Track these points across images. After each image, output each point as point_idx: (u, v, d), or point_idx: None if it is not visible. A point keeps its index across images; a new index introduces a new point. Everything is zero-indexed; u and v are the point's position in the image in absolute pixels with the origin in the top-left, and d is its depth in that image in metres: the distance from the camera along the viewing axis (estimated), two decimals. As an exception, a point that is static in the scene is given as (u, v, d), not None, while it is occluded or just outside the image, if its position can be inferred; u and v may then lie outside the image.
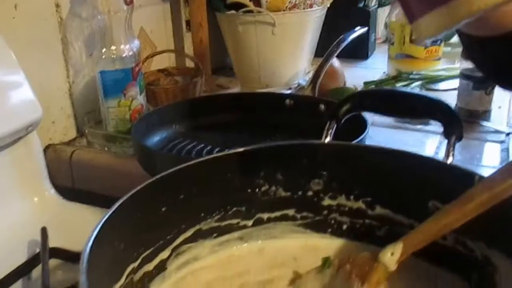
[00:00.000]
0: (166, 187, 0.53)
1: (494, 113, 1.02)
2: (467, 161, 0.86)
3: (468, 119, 0.99)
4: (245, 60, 1.22)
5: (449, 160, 0.53)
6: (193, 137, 0.91)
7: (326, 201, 0.59)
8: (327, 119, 0.60)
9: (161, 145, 0.90)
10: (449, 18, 0.32)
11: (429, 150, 0.92)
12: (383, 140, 0.93)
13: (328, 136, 0.60)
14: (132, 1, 0.92)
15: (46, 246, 0.69)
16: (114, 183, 0.85)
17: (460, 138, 0.54)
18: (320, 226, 0.60)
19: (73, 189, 0.96)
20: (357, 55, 1.41)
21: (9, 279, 0.66)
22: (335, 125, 0.61)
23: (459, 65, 1.05)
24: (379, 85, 1.21)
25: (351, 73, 1.23)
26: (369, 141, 0.77)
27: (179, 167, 0.54)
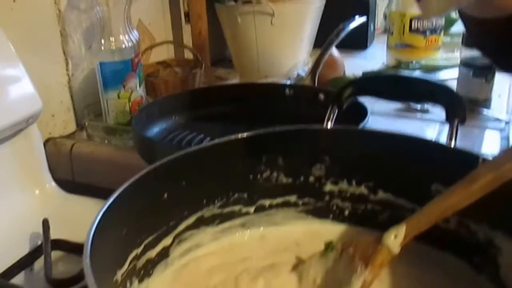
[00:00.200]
0: (168, 174, 0.53)
1: (494, 101, 1.02)
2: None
3: (468, 107, 0.98)
4: (244, 51, 1.21)
5: (452, 143, 0.53)
6: (193, 128, 0.91)
7: (327, 187, 0.59)
8: (329, 104, 0.60)
9: (161, 136, 0.90)
10: None
11: (429, 138, 0.92)
12: (382, 128, 0.93)
13: (330, 121, 0.60)
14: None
15: (48, 237, 0.69)
16: (114, 175, 0.85)
17: (463, 121, 0.54)
18: (322, 211, 0.60)
19: (73, 182, 0.96)
20: (356, 45, 1.40)
21: (12, 271, 0.66)
22: (337, 110, 0.60)
23: (459, 54, 1.05)
24: (379, 74, 1.21)
25: (350, 64, 1.22)
26: (369, 130, 0.76)
27: (181, 153, 0.53)
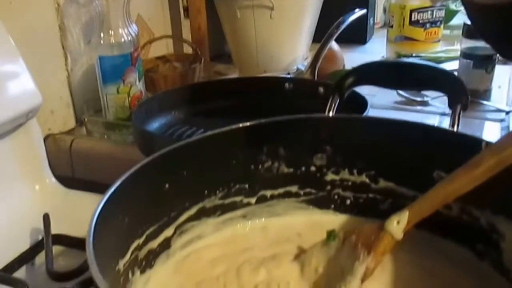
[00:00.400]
0: (168, 164, 0.52)
1: (494, 92, 1.02)
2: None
3: (472, 100, 0.98)
4: (243, 45, 1.21)
5: (454, 129, 0.52)
6: (192, 122, 0.91)
7: (329, 176, 0.59)
8: (331, 93, 0.60)
9: (161, 131, 0.89)
10: None
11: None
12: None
13: (331, 110, 0.60)
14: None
15: (49, 231, 0.68)
16: (114, 171, 0.85)
17: (465, 107, 0.54)
18: (323, 202, 0.60)
19: (73, 178, 0.96)
20: (355, 39, 1.40)
21: (13, 265, 0.66)
22: (338, 99, 0.60)
23: (459, 47, 1.04)
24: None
25: (350, 58, 1.22)
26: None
27: (181, 143, 0.53)
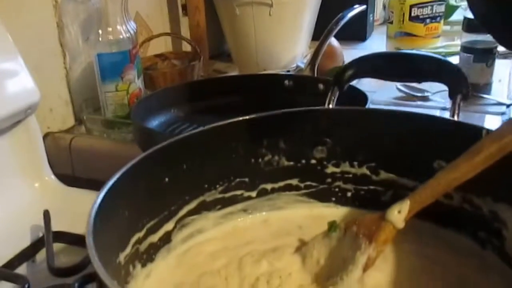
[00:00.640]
0: (168, 157, 0.52)
1: (494, 86, 1.02)
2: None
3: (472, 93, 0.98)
4: (242, 43, 1.21)
5: (455, 119, 0.52)
6: (192, 120, 0.91)
7: (329, 169, 0.59)
8: (330, 86, 0.59)
9: (160, 129, 0.89)
10: None
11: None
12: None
13: (331, 102, 0.59)
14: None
15: (49, 227, 0.68)
16: (114, 169, 0.84)
17: (466, 96, 0.53)
18: (324, 194, 0.60)
19: (73, 177, 0.95)
20: (355, 36, 1.40)
21: (14, 262, 0.66)
22: (337, 93, 0.60)
23: (459, 42, 1.04)
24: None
25: (349, 55, 1.21)
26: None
27: (181, 136, 0.53)
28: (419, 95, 1.02)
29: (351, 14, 1.04)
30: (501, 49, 1.10)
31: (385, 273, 0.48)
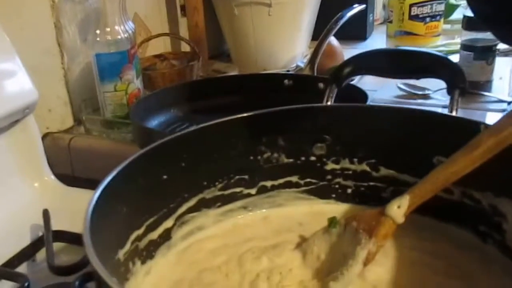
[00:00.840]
0: (166, 154, 0.52)
1: (495, 83, 1.02)
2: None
3: (470, 91, 0.98)
4: (241, 43, 1.21)
5: (453, 114, 0.52)
6: (191, 120, 0.90)
7: (329, 166, 0.59)
8: (328, 83, 0.59)
9: (160, 128, 0.89)
10: None
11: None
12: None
13: (329, 100, 0.59)
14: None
15: (49, 226, 0.68)
16: (114, 169, 0.84)
17: (464, 92, 0.53)
18: (324, 191, 0.60)
19: (73, 177, 0.95)
20: (355, 36, 1.39)
21: (14, 261, 0.66)
22: (336, 90, 0.60)
23: (459, 40, 1.04)
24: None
25: (350, 54, 1.18)
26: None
27: (178, 134, 0.53)
28: (420, 93, 1.01)
29: (351, 13, 1.04)
30: (501, 46, 1.10)
31: (386, 268, 0.48)
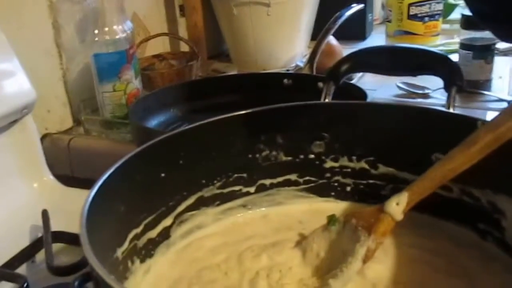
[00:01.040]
0: (163, 152, 0.52)
1: (495, 83, 1.02)
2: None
3: (469, 90, 0.98)
4: (241, 43, 1.21)
5: (450, 111, 0.52)
6: (191, 120, 0.89)
7: (328, 164, 0.59)
8: (326, 80, 0.59)
9: (159, 128, 0.89)
10: None
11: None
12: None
13: (327, 97, 0.59)
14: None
15: (48, 227, 0.68)
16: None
17: (461, 89, 0.53)
18: (323, 189, 0.60)
19: (73, 178, 0.95)
20: (355, 36, 1.39)
21: (13, 263, 0.65)
22: (333, 87, 0.60)
23: (458, 39, 1.04)
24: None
25: (349, 54, 1.21)
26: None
27: (176, 131, 0.53)
28: (420, 92, 1.01)
29: (349, 12, 1.04)
30: (500, 46, 1.10)
31: (385, 266, 0.48)
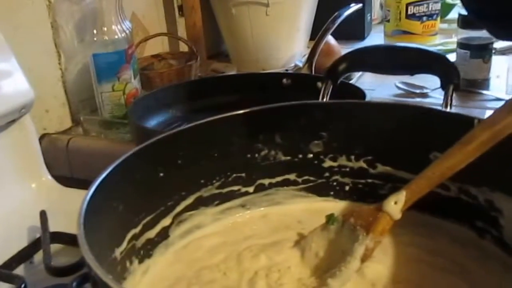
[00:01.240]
0: (162, 152, 0.52)
1: (493, 82, 1.02)
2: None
3: (467, 89, 0.98)
4: (240, 43, 1.21)
5: (447, 110, 0.52)
6: (190, 120, 0.88)
7: (327, 163, 0.59)
8: (324, 79, 0.59)
9: (158, 128, 0.88)
10: None
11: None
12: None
13: (325, 97, 0.59)
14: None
15: (46, 227, 0.67)
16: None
17: (457, 87, 0.53)
18: (322, 189, 0.60)
19: (72, 178, 0.95)
20: (354, 35, 1.39)
21: (11, 263, 0.65)
22: (331, 86, 0.60)
23: (456, 39, 1.04)
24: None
25: (348, 53, 1.21)
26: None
27: (175, 131, 0.53)
28: (418, 91, 1.01)
29: (348, 12, 1.04)
30: (498, 45, 1.10)
31: (384, 265, 0.48)
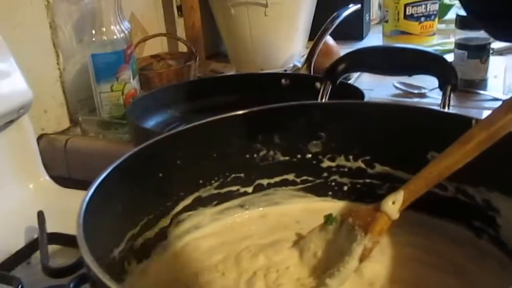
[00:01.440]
0: (161, 152, 0.52)
1: (490, 82, 1.02)
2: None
3: (465, 89, 0.98)
4: (238, 43, 1.21)
5: (445, 110, 0.52)
6: (189, 120, 0.89)
7: (325, 163, 0.59)
8: (322, 80, 0.59)
9: (157, 129, 0.88)
10: None
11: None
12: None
13: (323, 97, 0.59)
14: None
15: (43, 228, 0.67)
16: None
17: (455, 87, 0.53)
18: (321, 189, 0.60)
19: (70, 179, 0.95)
20: (352, 36, 1.39)
21: (9, 264, 0.65)
22: (330, 86, 0.60)
23: (454, 39, 1.04)
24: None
25: (346, 54, 1.21)
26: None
27: (174, 131, 0.53)
28: (416, 92, 1.01)
29: (346, 13, 1.04)
30: (495, 45, 1.10)
31: (382, 265, 0.48)
